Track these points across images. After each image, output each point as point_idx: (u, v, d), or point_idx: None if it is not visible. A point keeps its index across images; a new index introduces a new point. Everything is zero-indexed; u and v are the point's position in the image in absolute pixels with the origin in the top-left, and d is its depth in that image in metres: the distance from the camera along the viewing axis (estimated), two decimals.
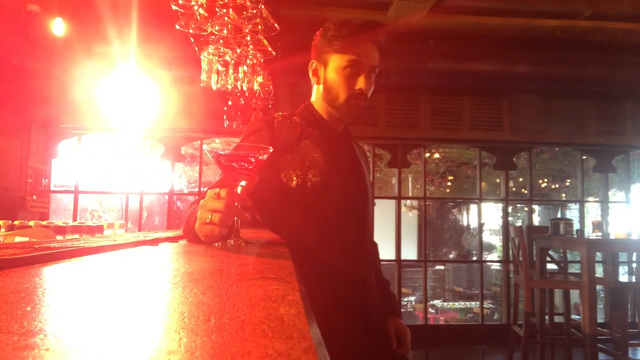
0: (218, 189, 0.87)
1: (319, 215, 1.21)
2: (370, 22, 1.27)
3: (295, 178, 1.19)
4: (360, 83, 1.24)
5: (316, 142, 1.25)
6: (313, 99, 1.36)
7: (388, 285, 1.48)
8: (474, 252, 5.87)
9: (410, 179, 7.65)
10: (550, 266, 4.24)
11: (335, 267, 1.17)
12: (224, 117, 2.88)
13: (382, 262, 1.59)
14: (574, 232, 3.94)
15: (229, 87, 1.92)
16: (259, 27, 1.77)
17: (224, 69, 1.86)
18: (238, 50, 1.81)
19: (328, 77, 1.28)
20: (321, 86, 1.32)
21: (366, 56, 1.24)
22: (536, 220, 7.66)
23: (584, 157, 5.46)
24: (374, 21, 1.29)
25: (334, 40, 1.26)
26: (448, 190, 7.72)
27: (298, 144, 1.22)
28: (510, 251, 4.21)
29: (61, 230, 1.85)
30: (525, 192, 5.90)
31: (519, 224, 7.54)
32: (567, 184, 7.92)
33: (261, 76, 2.25)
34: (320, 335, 0.30)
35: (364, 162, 1.40)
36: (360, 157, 1.40)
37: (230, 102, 2.82)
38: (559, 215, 6.68)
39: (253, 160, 0.94)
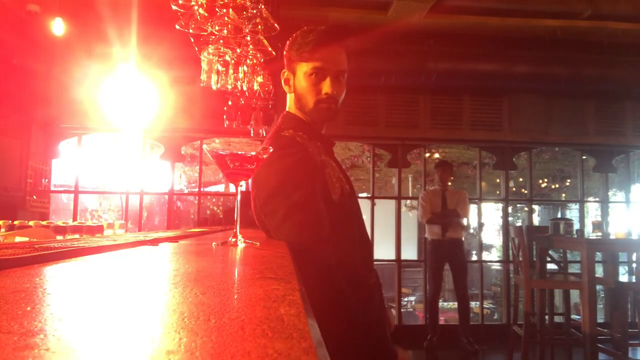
0: None
1: (355, 221, 1.26)
2: (334, 28, 1.29)
3: (337, 189, 1.22)
4: (326, 87, 1.25)
5: (325, 153, 1.29)
6: (290, 108, 1.35)
7: None
8: (474, 252, 5.86)
9: (410, 179, 7.65)
10: (550, 266, 4.23)
11: (360, 272, 1.20)
12: (224, 117, 2.88)
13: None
14: (574, 232, 3.94)
15: (229, 87, 1.92)
16: (259, 27, 1.77)
17: (224, 69, 1.85)
18: (238, 50, 1.80)
19: (297, 85, 1.30)
20: (293, 95, 1.33)
21: (331, 61, 1.26)
22: (536, 220, 7.66)
23: (584, 157, 5.45)
24: (338, 27, 1.32)
25: (300, 49, 1.27)
26: None
27: (321, 158, 1.25)
28: (510, 251, 4.21)
29: (61, 230, 1.85)
30: (525, 192, 5.90)
31: (519, 224, 7.54)
32: (567, 184, 7.92)
33: (261, 76, 2.24)
34: (320, 335, 0.30)
35: None
36: None
37: (230, 102, 2.82)
38: (559, 215, 6.68)
39: (253, 160, 0.94)
